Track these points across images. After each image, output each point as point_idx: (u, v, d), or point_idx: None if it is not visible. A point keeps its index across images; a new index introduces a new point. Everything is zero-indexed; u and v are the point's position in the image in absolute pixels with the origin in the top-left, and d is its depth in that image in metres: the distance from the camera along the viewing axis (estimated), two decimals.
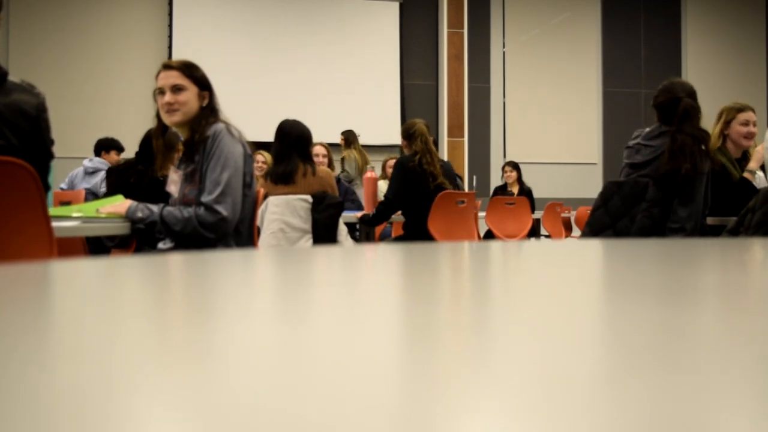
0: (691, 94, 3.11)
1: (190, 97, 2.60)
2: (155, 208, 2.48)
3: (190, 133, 2.61)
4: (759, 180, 3.50)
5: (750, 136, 3.55)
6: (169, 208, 2.49)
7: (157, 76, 2.64)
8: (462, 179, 8.98)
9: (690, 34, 11.91)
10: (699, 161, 3.00)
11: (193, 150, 2.56)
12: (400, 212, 4.43)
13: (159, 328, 0.37)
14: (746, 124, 3.53)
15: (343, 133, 7.52)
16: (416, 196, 4.27)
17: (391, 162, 7.21)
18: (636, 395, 0.22)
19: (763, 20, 12.13)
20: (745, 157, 3.62)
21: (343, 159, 7.13)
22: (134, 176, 3.56)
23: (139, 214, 2.44)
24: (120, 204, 2.50)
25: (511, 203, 6.32)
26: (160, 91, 2.61)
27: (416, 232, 4.28)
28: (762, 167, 3.54)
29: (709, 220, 3.23)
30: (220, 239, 2.53)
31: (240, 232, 2.65)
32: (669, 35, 11.91)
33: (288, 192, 3.60)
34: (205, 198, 2.48)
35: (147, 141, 3.87)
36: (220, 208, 2.47)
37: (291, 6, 10.54)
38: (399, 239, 4.36)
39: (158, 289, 0.58)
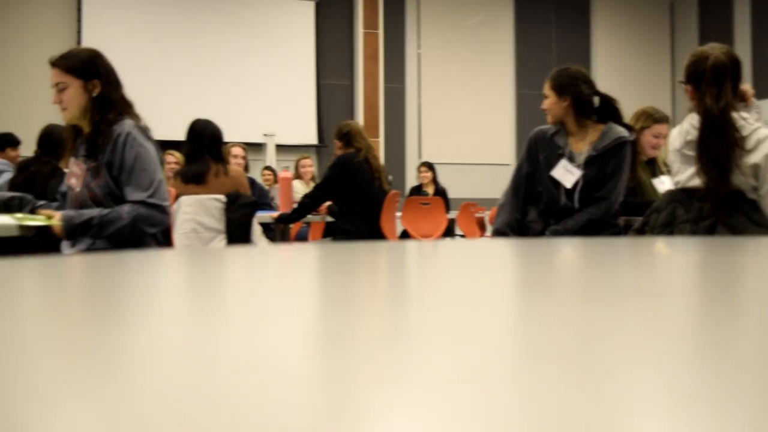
0: (587, 81, 3.18)
1: (73, 92, 2.51)
2: (91, 212, 2.42)
3: (90, 126, 2.52)
4: (664, 184, 3.63)
5: (657, 147, 3.69)
6: (104, 211, 2.43)
7: None
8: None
9: (599, 37, 12.29)
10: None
11: (96, 146, 2.48)
12: (325, 212, 4.43)
13: (68, 330, 0.36)
14: (657, 136, 3.66)
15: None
16: (362, 194, 4.28)
17: (305, 162, 7.17)
18: (543, 392, 0.22)
19: (667, 22, 12.62)
20: (652, 162, 3.75)
21: None
22: (46, 167, 3.52)
23: (77, 221, 2.40)
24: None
25: (426, 203, 6.38)
26: None
27: (362, 230, 4.27)
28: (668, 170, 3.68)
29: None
30: (145, 237, 2.49)
31: (155, 234, 2.60)
32: (579, 38, 12.26)
33: (199, 192, 3.54)
34: (141, 195, 2.44)
35: (48, 135, 3.76)
36: (158, 201, 2.47)
37: (205, 3, 10.36)
38: (344, 238, 4.31)
39: (69, 290, 0.55)
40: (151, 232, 2.47)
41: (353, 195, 4.27)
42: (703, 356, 0.29)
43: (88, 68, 2.54)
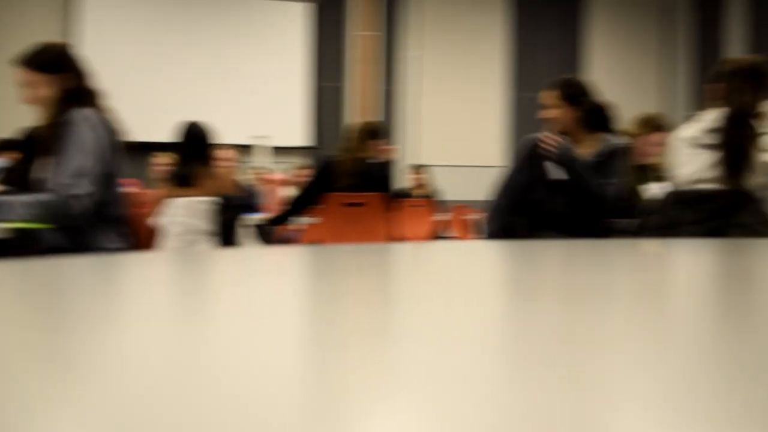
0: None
1: (40, 89, 2.48)
2: (11, 198, 2.38)
3: (58, 120, 2.49)
4: (652, 192, 3.64)
5: (652, 154, 3.70)
6: (22, 196, 2.38)
7: None
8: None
9: (591, 42, 12.30)
10: None
11: (59, 139, 2.45)
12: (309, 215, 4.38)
13: (48, 334, 0.35)
14: (653, 145, 3.66)
15: None
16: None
17: (297, 172, 7.14)
18: (528, 391, 0.23)
19: (660, 29, 12.63)
20: (644, 168, 3.75)
21: None
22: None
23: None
24: None
25: (418, 205, 6.37)
26: None
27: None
28: (661, 178, 3.69)
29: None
30: (78, 221, 2.43)
31: (110, 219, 2.55)
32: (572, 42, 12.27)
33: (188, 194, 3.53)
34: (63, 183, 2.38)
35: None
36: (76, 190, 2.36)
37: (197, 4, 10.33)
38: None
39: (33, 296, 0.55)
40: (70, 218, 2.38)
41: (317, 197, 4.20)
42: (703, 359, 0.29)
43: (56, 63, 2.52)
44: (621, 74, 12.21)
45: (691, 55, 12.15)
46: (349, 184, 4.16)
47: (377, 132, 4.31)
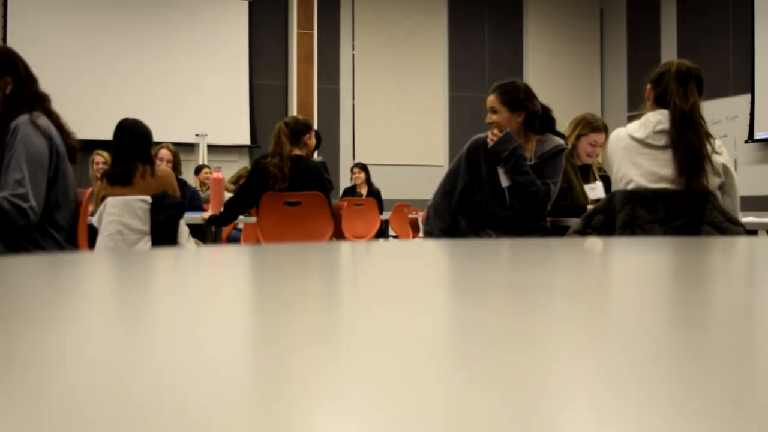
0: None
1: None
2: None
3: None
4: (595, 189, 3.70)
5: (592, 155, 3.76)
6: None
7: None
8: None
9: (530, 41, 12.50)
10: None
11: (1, 142, 2.39)
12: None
13: None
14: (594, 144, 3.72)
15: None
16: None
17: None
18: (474, 391, 0.22)
19: (597, 28, 12.91)
20: (585, 168, 3.81)
21: None
22: None
23: None
24: None
25: (359, 204, 6.38)
26: None
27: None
28: (604, 177, 3.75)
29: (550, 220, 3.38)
30: (28, 232, 2.38)
31: (61, 227, 2.51)
32: (512, 41, 12.45)
33: (125, 194, 3.46)
34: (5, 192, 2.32)
35: None
36: (18, 201, 2.31)
37: (139, 2, 10.15)
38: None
39: None
40: (11, 228, 2.34)
41: (254, 198, 4.15)
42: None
43: None
44: (560, 74, 12.43)
45: (628, 56, 12.44)
46: (285, 184, 4.11)
47: (306, 128, 4.28)
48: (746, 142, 10.20)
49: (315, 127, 10.57)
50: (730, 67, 10.56)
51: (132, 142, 3.57)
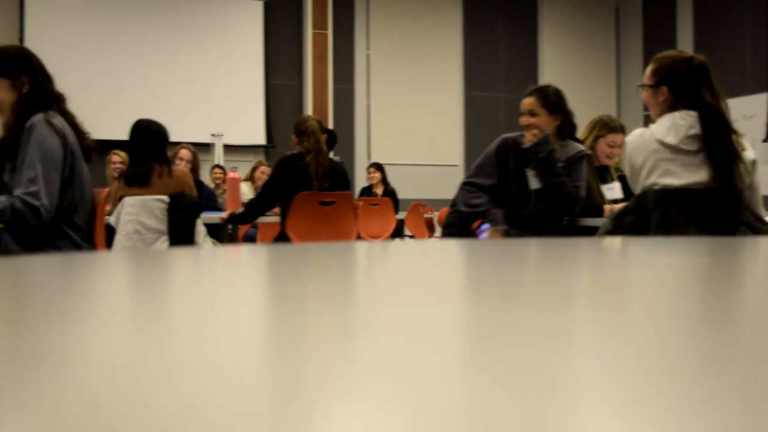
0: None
1: (2, 93, 2.45)
2: None
3: (16, 124, 2.45)
4: (612, 190, 3.68)
5: (611, 156, 3.74)
6: None
7: None
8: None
9: (546, 40, 12.46)
10: None
11: (18, 144, 2.41)
12: (277, 212, 4.32)
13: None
14: (612, 145, 3.70)
15: None
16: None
17: (264, 168, 7.07)
18: (486, 391, 0.22)
19: (613, 27, 12.85)
20: (603, 169, 3.79)
21: None
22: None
23: None
24: None
25: (375, 204, 6.38)
26: None
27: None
28: (621, 177, 3.73)
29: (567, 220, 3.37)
30: (42, 230, 2.40)
31: (78, 227, 2.52)
32: (527, 41, 12.40)
33: (143, 194, 3.47)
34: (18, 190, 2.34)
35: None
36: (30, 199, 2.34)
37: (155, 3, 10.19)
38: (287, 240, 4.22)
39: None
40: (25, 227, 2.38)
41: (286, 198, 4.15)
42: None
43: (15, 66, 2.47)
44: (576, 73, 12.37)
45: (644, 56, 12.36)
46: (326, 183, 4.11)
47: (328, 130, 4.34)
48: (764, 141, 10.12)
49: (330, 126, 10.61)
50: (747, 65, 10.48)
51: (148, 143, 3.59)
